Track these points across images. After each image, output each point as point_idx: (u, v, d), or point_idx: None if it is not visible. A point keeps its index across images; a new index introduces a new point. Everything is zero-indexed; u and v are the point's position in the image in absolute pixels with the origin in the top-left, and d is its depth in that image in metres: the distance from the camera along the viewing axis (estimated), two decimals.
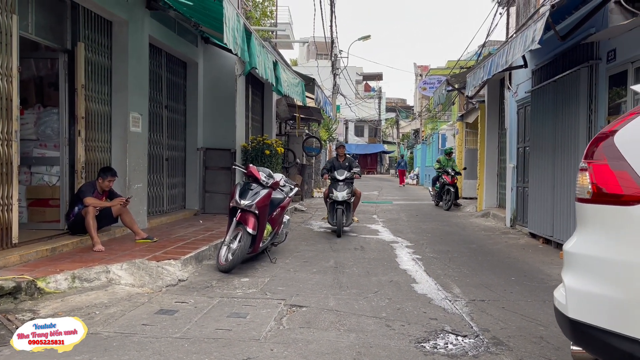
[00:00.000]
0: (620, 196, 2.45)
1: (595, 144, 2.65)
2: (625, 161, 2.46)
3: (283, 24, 23.99)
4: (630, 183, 2.42)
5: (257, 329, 4.04)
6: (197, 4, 7.62)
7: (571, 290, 2.62)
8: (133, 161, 7.90)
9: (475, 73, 9.43)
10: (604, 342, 2.43)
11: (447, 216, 13.41)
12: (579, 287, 2.59)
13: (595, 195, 2.57)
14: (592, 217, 2.64)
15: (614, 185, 2.49)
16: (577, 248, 2.71)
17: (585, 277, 2.58)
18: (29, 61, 7.26)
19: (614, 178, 2.49)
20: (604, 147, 2.57)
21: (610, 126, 2.66)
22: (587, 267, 2.60)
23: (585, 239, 2.67)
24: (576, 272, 2.66)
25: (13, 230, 5.56)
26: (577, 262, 2.69)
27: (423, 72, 39.41)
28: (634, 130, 2.53)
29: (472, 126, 17.49)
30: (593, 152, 2.64)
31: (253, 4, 16.85)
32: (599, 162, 2.57)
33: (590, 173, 2.60)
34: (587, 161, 2.65)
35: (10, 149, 5.48)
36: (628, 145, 2.49)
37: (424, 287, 5.63)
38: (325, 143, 27.28)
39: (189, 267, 6.03)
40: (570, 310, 2.58)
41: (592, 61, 7.22)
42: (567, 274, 2.71)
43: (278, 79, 8.75)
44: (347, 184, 9.43)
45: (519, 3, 12.03)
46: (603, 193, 2.53)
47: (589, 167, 2.62)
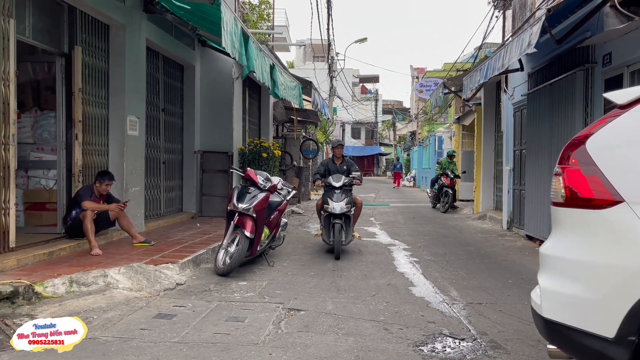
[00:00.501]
0: (592, 200, 2.53)
1: (569, 149, 2.72)
2: (596, 166, 2.53)
3: (280, 27, 24.03)
4: (601, 187, 2.49)
5: (256, 333, 4.04)
6: (195, 8, 7.62)
7: (545, 291, 2.72)
8: (130, 164, 7.90)
9: (471, 76, 9.47)
10: (576, 341, 2.51)
11: (444, 218, 13.44)
12: (552, 287, 2.68)
13: (568, 199, 2.65)
14: (565, 220, 2.73)
15: (585, 190, 2.56)
16: (551, 250, 2.79)
17: (558, 278, 2.67)
18: (26, 65, 7.25)
19: (585, 183, 2.57)
20: (577, 153, 2.65)
21: (583, 132, 2.73)
22: (560, 269, 2.69)
23: (559, 242, 2.76)
24: (550, 274, 2.74)
25: (10, 234, 5.55)
26: (551, 264, 2.78)
27: (419, 74, 39.49)
28: (604, 136, 2.60)
29: (468, 128, 17.55)
30: (566, 157, 2.71)
31: (250, 7, 16.87)
32: (571, 167, 2.65)
33: (564, 178, 2.68)
34: (560, 166, 2.72)
35: (7, 153, 5.48)
36: (599, 150, 2.56)
37: (421, 290, 5.64)
38: (322, 145, 27.28)
39: (186, 271, 6.03)
40: (545, 310, 2.67)
41: (587, 65, 7.27)
42: (542, 276, 2.81)
43: (275, 83, 8.77)
44: (345, 191, 7.71)
45: (515, 6, 12.09)
46: (575, 197, 2.61)
47: (562, 172, 2.70)
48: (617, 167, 2.51)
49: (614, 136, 2.59)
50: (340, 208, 7.46)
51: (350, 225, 7.76)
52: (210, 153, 10.87)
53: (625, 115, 2.57)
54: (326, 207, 7.59)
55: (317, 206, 8.14)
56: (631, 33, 6.37)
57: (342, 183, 7.72)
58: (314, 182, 8.18)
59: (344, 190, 7.71)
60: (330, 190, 7.73)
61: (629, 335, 2.29)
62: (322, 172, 8.17)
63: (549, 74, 8.52)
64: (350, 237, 7.66)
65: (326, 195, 7.72)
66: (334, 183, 7.73)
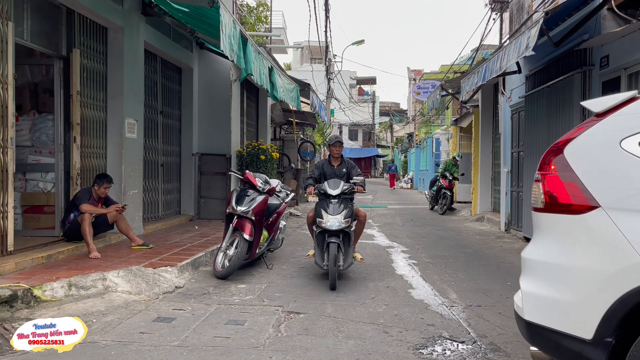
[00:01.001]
0: (569, 205, 2.61)
1: (549, 155, 2.79)
2: (574, 172, 2.62)
3: (277, 29, 24.05)
4: (578, 193, 2.58)
5: (256, 336, 4.04)
6: (194, 11, 7.63)
7: (526, 294, 2.80)
8: (129, 167, 7.89)
9: (469, 78, 9.49)
10: (556, 343, 2.59)
11: (442, 220, 13.45)
12: (533, 291, 2.76)
13: (548, 205, 2.73)
14: (545, 225, 2.81)
15: (563, 195, 2.65)
16: (532, 254, 2.87)
17: (538, 281, 2.75)
18: (24, 67, 7.24)
19: (563, 188, 2.65)
20: (555, 159, 2.73)
21: (562, 139, 2.80)
22: (540, 272, 2.78)
23: (539, 246, 2.84)
24: (531, 277, 2.83)
25: (9, 237, 5.54)
26: (531, 268, 2.85)
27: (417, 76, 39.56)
28: (581, 143, 2.69)
29: (466, 130, 17.58)
30: (546, 164, 2.79)
31: (248, 10, 16.87)
32: (550, 173, 2.73)
33: (543, 184, 2.76)
34: (540, 172, 2.80)
35: (5, 156, 5.46)
36: (576, 157, 2.65)
37: (420, 292, 5.64)
38: (320, 147, 27.29)
39: (185, 274, 6.02)
40: (526, 312, 2.75)
41: (585, 67, 7.29)
42: (523, 279, 2.88)
43: (273, 85, 8.77)
44: (343, 201, 6.01)
45: (512, 9, 12.13)
46: (554, 202, 2.70)
47: (542, 178, 2.78)
48: (593, 173, 2.59)
49: (590, 143, 2.67)
50: (337, 223, 5.78)
51: (350, 244, 6.07)
52: (208, 155, 10.86)
53: (601, 123, 2.66)
54: (319, 221, 5.88)
55: (308, 219, 6.43)
56: (629, 36, 6.40)
57: (341, 190, 6.04)
58: (305, 189, 6.52)
59: (343, 199, 6.04)
60: (325, 199, 6.08)
61: (606, 336, 2.36)
62: (317, 176, 6.61)
63: (547, 77, 8.55)
64: (350, 261, 6.01)
65: (320, 206, 6.01)
66: (329, 190, 6.07)
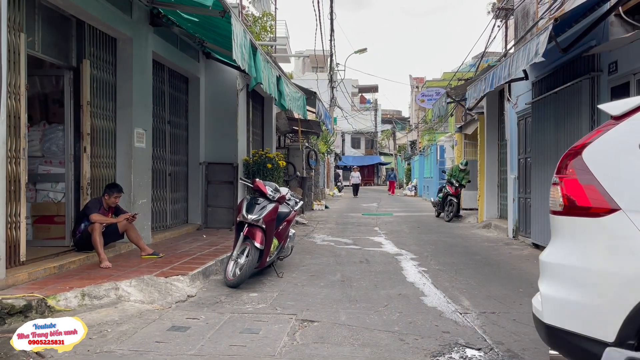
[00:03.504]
0: (589, 208, 2.63)
1: (566, 159, 2.82)
2: (593, 175, 2.64)
3: (281, 38, 24.17)
4: (598, 196, 2.59)
5: (271, 344, 4.02)
6: (203, 21, 7.67)
7: (546, 297, 2.81)
8: (138, 177, 7.91)
9: (476, 85, 9.51)
10: (576, 346, 2.60)
11: (449, 227, 13.43)
12: (553, 294, 2.78)
13: (567, 208, 2.75)
14: (564, 228, 2.82)
15: (582, 198, 2.67)
16: (551, 258, 2.89)
17: (558, 284, 2.77)
18: (34, 78, 7.28)
19: (582, 191, 2.67)
20: (574, 162, 2.75)
21: (580, 142, 2.84)
22: (560, 275, 2.79)
23: (558, 249, 2.85)
24: (550, 280, 2.85)
25: (21, 248, 5.54)
26: (551, 271, 2.87)
27: (419, 84, 39.66)
28: (600, 146, 2.71)
29: (471, 137, 17.58)
30: (564, 167, 2.81)
31: (253, 19, 16.97)
32: (569, 177, 2.75)
33: (562, 187, 2.78)
34: (558, 176, 2.83)
35: (18, 167, 5.48)
36: (595, 160, 2.67)
37: (433, 300, 5.63)
38: (324, 156, 27.34)
39: (197, 283, 6.02)
40: (546, 316, 2.76)
41: (593, 73, 7.30)
42: (542, 282, 2.90)
43: (281, 94, 8.80)
44: None
45: (517, 16, 12.17)
46: (573, 206, 2.72)
47: (560, 181, 2.80)
48: (613, 176, 2.61)
49: (609, 146, 2.69)
50: None
51: None
52: (215, 164, 10.88)
53: (619, 126, 2.69)
54: None
55: None
56: (637, 42, 6.41)
57: None
58: None
59: None
60: None
61: (628, 339, 2.37)
62: None
63: (554, 83, 8.56)
64: None
65: None
66: None
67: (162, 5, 7.78)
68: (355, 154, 54.54)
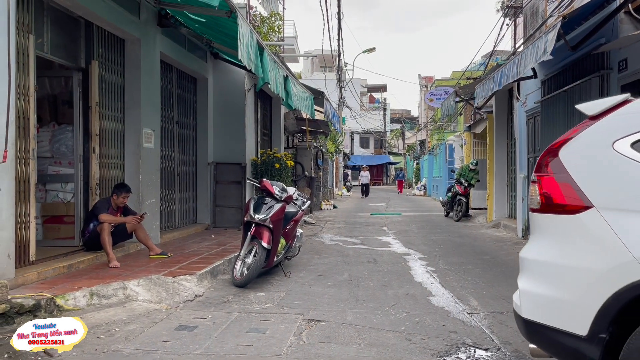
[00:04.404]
0: (564, 206, 2.71)
1: (545, 157, 2.88)
2: (568, 174, 2.71)
3: (289, 38, 24.20)
4: (573, 194, 2.68)
5: (278, 344, 4.03)
6: (210, 21, 7.70)
7: (523, 293, 2.90)
8: (146, 177, 7.95)
9: (484, 84, 9.46)
10: (552, 339, 2.70)
11: (458, 227, 13.37)
12: (530, 289, 2.87)
13: (544, 206, 2.83)
14: (541, 225, 2.91)
15: (559, 196, 2.75)
16: (529, 254, 2.98)
17: (535, 280, 2.86)
18: (44, 80, 7.33)
19: (558, 189, 2.75)
20: (551, 161, 2.83)
21: (557, 141, 2.90)
22: (536, 271, 2.88)
23: (535, 246, 2.95)
24: (528, 276, 2.93)
25: (31, 247, 5.59)
26: (528, 267, 2.96)
27: (428, 83, 39.56)
28: (575, 145, 2.79)
29: (480, 136, 17.49)
30: (542, 166, 2.88)
31: (261, 19, 17.01)
32: (546, 175, 2.83)
33: (539, 185, 2.86)
34: (537, 174, 2.90)
35: (27, 167, 5.53)
36: (571, 159, 2.75)
37: (440, 299, 5.60)
38: (332, 155, 27.33)
39: (204, 282, 6.04)
40: (524, 310, 2.85)
41: (603, 71, 7.23)
42: (521, 278, 2.99)
43: (289, 94, 8.81)
44: None
45: (526, 14, 12.09)
46: (550, 203, 2.80)
47: (538, 179, 2.88)
48: (587, 174, 2.69)
49: (584, 145, 2.77)
50: None
51: None
52: (223, 164, 10.92)
53: (594, 126, 2.75)
54: None
55: None
56: None
57: None
58: None
59: None
60: None
61: (600, 332, 2.46)
62: None
63: (563, 81, 8.49)
64: None
65: None
66: None
67: (170, 6, 7.82)
68: (364, 154, 54.48)
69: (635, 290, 2.37)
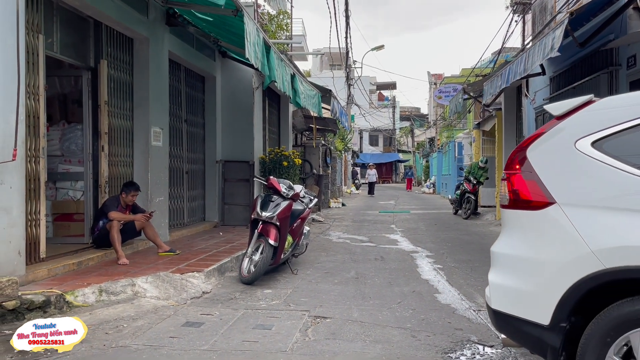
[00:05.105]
0: (530, 202, 2.86)
1: (514, 155, 3.02)
2: (534, 171, 2.85)
3: (297, 36, 24.20)
4: (537, 190, 2.82)
5: (283, 340, 4.06)
6: (217, 20, 7.74)
7: (492, 285, 3.06)
8: (155, 175, 8.01)
9: (492, 81, 9.42)
10: (518, 329, 2.85)
11: (466, 225, 13.33)
12: (498, 281, 3.02)
13: (512, 202, 2.98)
14: (509, 220, 3.06)
15: (525, 193, 2.89)
16: (498, 248, 3.12)
17: (503, 272, 3.01)
18: (54, 79, 7.41)
19: (525, 186, 2.89)
20: (520, 159, 2.97)
21: (526, 140, 3.03)
22: (504, 264, 3.03)
23: (504, 240, 3.09)
24: (497, 269, 3.08)
25: (41, 245, 5.67)
26: (497, 260, 3.10)
27: (437, 80, 39.38)
28: (541, 144, 2.91)
29: (489, 134, 17.41)
30: (511, 163, 3.01)
31: (269, 18, 17.04)
32: (515, 173, 2.96)
33: (509, 182, 2.99)
34: (506, 172, 3.03)
35: (37, 166, 5.61)
36: (537, 157, 2.89)
37: (447, 297, 5.61)
38: (341, 153, 27.32)
39: (212, 279, 6.09)
40: (493, 301, 3.01)
41: (611, 67, 7.19)
42: (491, 272, 3.14)
43: (296, 92, 8.83)
44: None
45: (535, 10, 12.01)
46: (518, 199, 2.94)
47: (507, 177, 3.01)
48: (551, 172, 2.82)
49: (549, 144, 2.88)
50: None
51: None
52: (231, 162, 10.97)
53: (559, 125, 2.88)
54: None
55: None
56: None
57: None
58: None
59: None
60: None
61: (561, 322, 2.61)
62: None
63: (572, 78, 8.44)
64: None
65: None
66: None
67: (177, 5, 7.87)
68: (373, 152, 54.36)
69: (592, 282, 2.52)
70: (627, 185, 2.57)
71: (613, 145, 2.65)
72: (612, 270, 2.46)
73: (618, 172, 2.60)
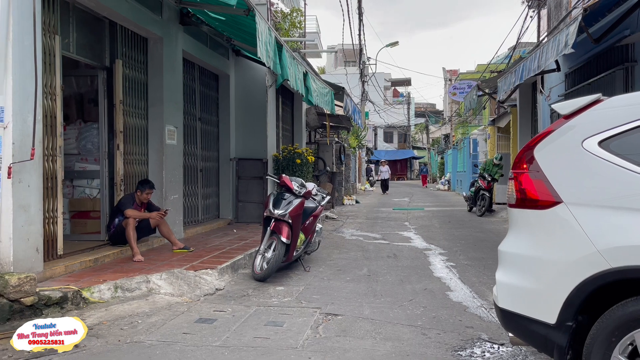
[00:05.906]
0: (537, 201, 2.87)
1: (522, 155, 3.05)
2: (542, 171, 2.87)
3: (311, 34, 24.22)
4: (544, 190, 2.83)
5: (294, 337, 4.11)
6: (230, 19, 7.80)
7: (500, 283, 3.07)
8: (169, 173, 8.11)
9: (506, 78, 9.36)
10: (525, 327, 2.87)
11: (481, 222, 13.25)
12: (505, 280, 3.03)
13: (519, 201, 3.00)
14: (517, 219, 3.07)
15: (532, 192, 2.91)
16: (505, 247, 3.13)
17: (510, 271, 3.02)
18: (70, 79, 7.54)
19: (532, 186, 2.91)
20: (527, 159, 2.98)
21: (533, 139, 3.06)
22: (511, 263, 3.05)
23: (511, 239, 3.10)
24: (504, 268, 3.09)
25: (58, 242, 5.79)
26: (504, 259, 3.12)
27: (452, 76, 39.12)
28: (549, 143, 2.93)
29: (504, 130, 17.28)
30: (519, 163, 3.03)
31: (282, 16, 17.08)
32: (522, 172, 2.99)
33: (516, 181, 3.02)
34: (514, 171, 3.06)
35: (55, 164, 5.72)
36: (544, 156, 2.91)
37: (458, 295, 5.61)
38: (355, 150, 27.30)
39: (225, 276, 6.16)
40: (500, 300, 3.03)
41: (627, 63, 7.10)
42: (498, 270, 3.15)
43: (308, 90, 8.87)
44: None
45: (550, 5, 11.88)
46: (525, 199, 2.96)
47: (515, 176, 3.04)
48: (558, 171, 2.84)
49: (556, 143, 2.90)
50: None
51: None
52: (245, 160, 11.05)
53: (566, 125, 2.89)
54: None
55: None
56: None
57: None
58: None
59: None
60: None
61: (567, 320, 2.63)
62: None
63: (587, 74, 8.36)
64: None
65: None
66: None
67: (190, 5, 7.95)
68: (388, 148, 54.21)
69: (598, 281, 2.53)
70: (634, 185, 2.56)
71: (620, 145, 2.65)
72: (618, 270, 2.48)
73: (625, 171, 2.60)
